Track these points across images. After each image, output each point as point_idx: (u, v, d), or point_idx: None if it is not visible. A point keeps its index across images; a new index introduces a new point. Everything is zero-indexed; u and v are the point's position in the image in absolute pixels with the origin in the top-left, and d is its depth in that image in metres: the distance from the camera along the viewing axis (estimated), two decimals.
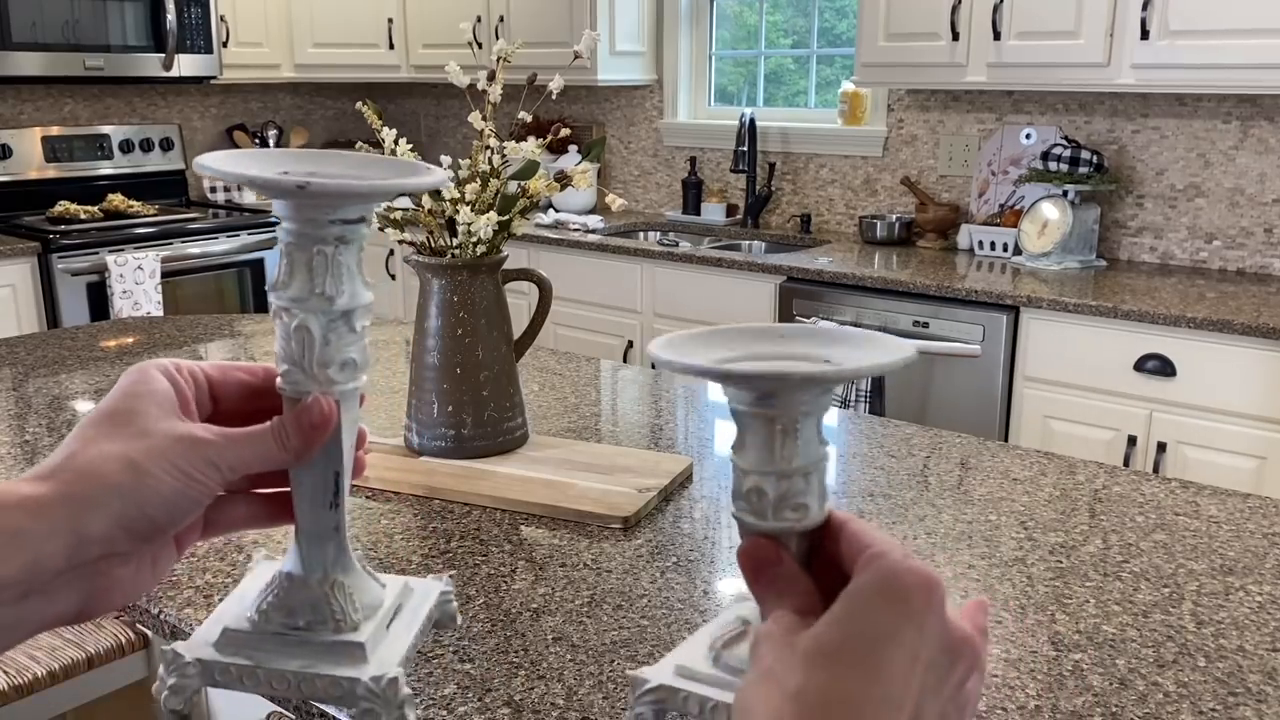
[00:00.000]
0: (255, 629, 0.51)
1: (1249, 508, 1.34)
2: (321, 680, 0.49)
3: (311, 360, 0.50)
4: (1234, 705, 0.92)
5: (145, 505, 0.45)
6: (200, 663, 0.50)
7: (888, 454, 1.53)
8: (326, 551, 0.52)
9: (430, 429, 1.41)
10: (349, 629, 0.51)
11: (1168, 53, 2.77)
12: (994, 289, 2.84)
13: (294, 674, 0.49)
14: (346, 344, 0.50)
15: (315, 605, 0.51)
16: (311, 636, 0.50)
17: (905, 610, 0.42)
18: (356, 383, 0.51)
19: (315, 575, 0.51)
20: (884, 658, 0.41)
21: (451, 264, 1.37)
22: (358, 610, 0.51)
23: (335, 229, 0.49)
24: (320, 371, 0.50)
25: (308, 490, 0.51)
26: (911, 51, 3.23)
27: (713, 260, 3.38)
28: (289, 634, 0.51)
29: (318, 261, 0.49)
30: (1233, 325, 2.50)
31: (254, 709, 1.48)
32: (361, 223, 0.50)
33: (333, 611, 0.51)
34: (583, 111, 4.47)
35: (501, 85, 1.40)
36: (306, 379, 0.50)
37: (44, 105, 4.11)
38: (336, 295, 0.50)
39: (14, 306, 3.48)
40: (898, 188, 3.71)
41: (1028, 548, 1.22)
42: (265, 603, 0.51)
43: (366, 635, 0.51)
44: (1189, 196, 3.17)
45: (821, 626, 0.42)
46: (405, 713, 0.49)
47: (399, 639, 0.52)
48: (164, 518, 0.46)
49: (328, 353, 0.50)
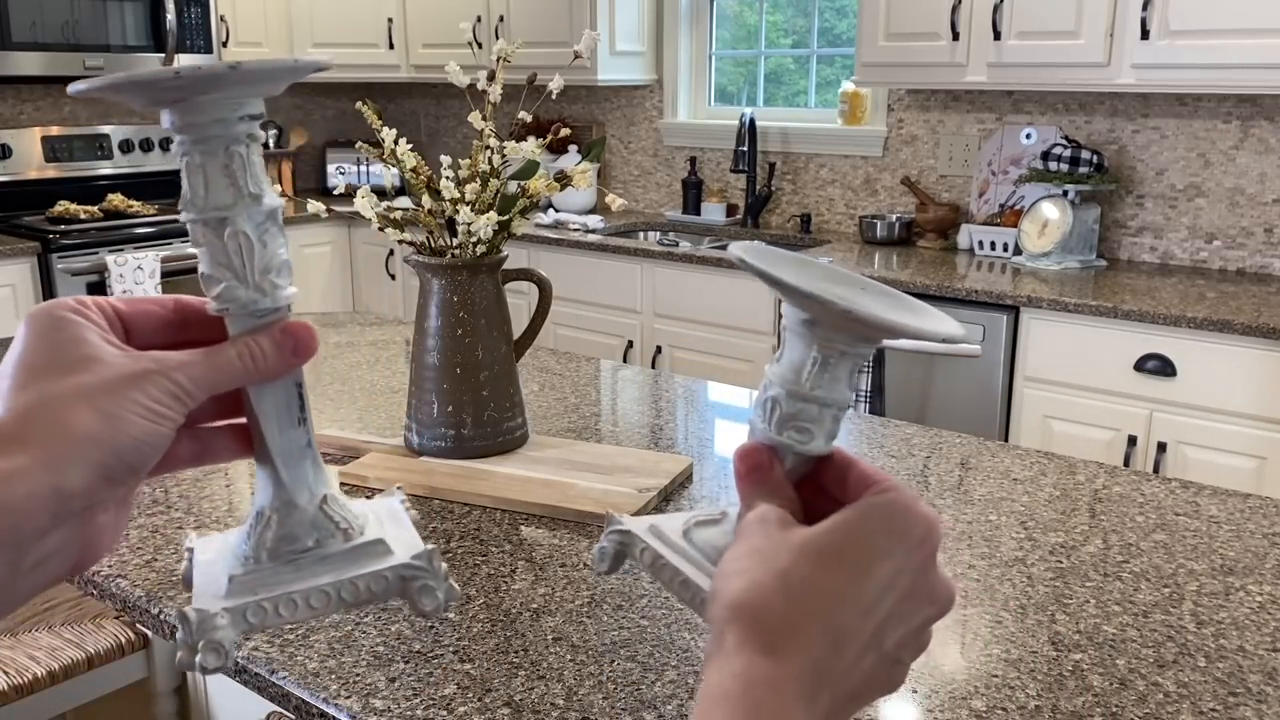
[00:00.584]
0: (265, 565, 0.49)
1: (1249, 508, 1.34)
2: (363, 579, 0.48)
3: (252, 268, 0.47)
4: (1234, 705, 0.92)
5: (121, 451, 0.43)
6: (228, 611, 0.46)
7: (888, 454, 1.53)
8: (305, 470, 0.50)
9: (430, 429, 1.41)
10: (358, 534, 0.50)
11: (1168, 53, 2.77)
12: (994, 289, 2.84)
13: (331, 586, 0.48)
14: (279, 245, 0.48)
15: (316, 523, 0.49)
16: (327, 551, 0.49)
17: (903, 538, 0.45)
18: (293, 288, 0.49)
19: (303, 496, 0.50)
20: (872, 569, 0.44)
21: (451, 264, 1.37)
22: (356, 517, 0.51)
23: (245, 126, 0.47)
24: (263, 279, 0.47)
25: (272, 410, 0.49)
26: (912, 51, 3.23)
27: (713, 260, 3.38)
28: (302, 557, 0.49)
29: (235, 163, 0.47)
30: (1233, 325, 2.50)
31: (254, 709, 1.48)
32: (261, 118, 0.48)
33: (336, 523, 0.50)
34: (583, 111, 4.47)
35: (501, 85, 1.40)
36: (249, 291, 0.47)
37: (44, 105, 4.11)
38: (262, 194, 0.47)
39: (14, 306, 3.48)
40: (898, 188, 3.71)
41: (1028, 548, 1.22)
42: (264, 538, 0.49)
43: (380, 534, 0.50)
44: (1189, 196, 3.17)
45: (820, 528, 0.45)
46: (451, 583, 0.50)
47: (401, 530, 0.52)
48: (137, 460, 0.44)
49: (266, 256, 0.47)
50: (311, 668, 0.96)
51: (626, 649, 0.99)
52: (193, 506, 1.31)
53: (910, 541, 0.45)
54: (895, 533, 0.45)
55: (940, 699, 0.93)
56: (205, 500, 1.33)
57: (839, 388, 0.49)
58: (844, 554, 0.44)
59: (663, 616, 1.05)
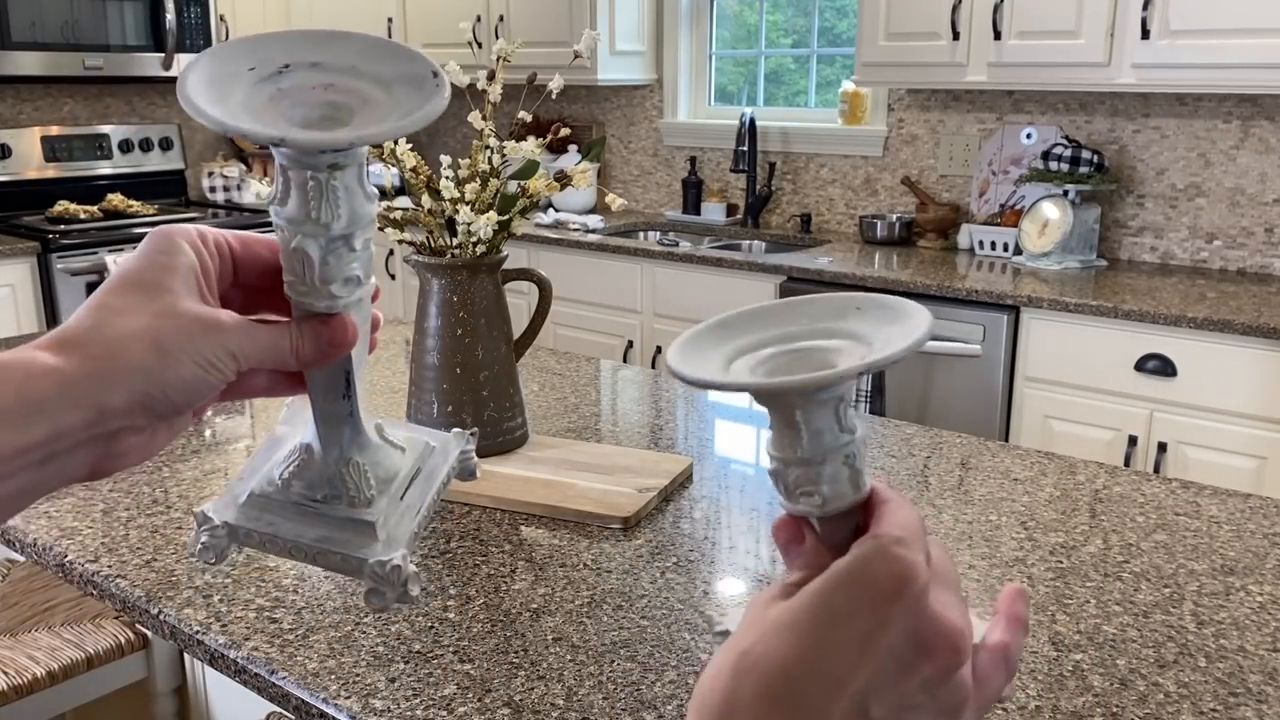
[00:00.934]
0: (278, 495, 0.53)
1: (1249, 508, 1.34)
2: (334, 556, 0.52)
3: (312, 278, 0.49)
4: (1234, 705, 0.92)
5: (167, 388, 0.46)
6: (228, 526, 0.52)
7: (888, 454, 1.53)
8: (341, 433, 0.53)
9: (430, 429, 1.41)
10: (363, 504, 0.53)
11: (1168, 52, 2.77)
12: (994, 289, 2.84)
13: (309, 546, 0.52)
14: (347, 263, 0.50)
15: (331, 480, 0.53)
16: (328, 510, 0.52)
17: (867, 597, 0.41)
18: (361, 293, 0.51)
19: (332, 454, 0.53)
20: (832, 637, 0.40)
21: (451, 264, 1.37)
22: (372, 486, 0.53)
23: (327, 157, 0.48)
24: (322, 287, 0.50)
25: (320, 383, 0.52)
26: (912, 51, 3.23)
27: (713, 260, 3.38)
28: (308, 505, 0.52)
29: (312, 188, 0.48)
30: (1233, 325, 2.50)
31: (254, 709, 1.48)
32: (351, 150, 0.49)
33: (347, 488, 0.53)
34: (583, 111, 4.47)
35: (501, 85, 1.40)
36: (309, 292, 0.50)
37: (43, 105, 4.11)
38: (333, 221, 0.49)
39: (13, 306, 3.48)
40: (898, 187, 3.71)
41: (1028, 548, 1.22)
42: (287, 471, 0.53)
43: (379, 512, 0.53)
44: (1189, 196, 3.17)
45: (791, 600, 0.42)
46: (409, 589, 0.51)
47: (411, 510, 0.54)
48: (182, 400, 0.47)
49: (327, 272, 0.49)
50: (311, 668, 0.96)
51: (626, 649, 0.99)
52: (192, 506, 1.31)
53: (874, 596, 0.41)
54: (858, 590, 0.41)
55: None
56: (205, 500, 1.33)
57: (824, 440, 0.45)
58: (805, 623, 0.40)
59: (663, 617, 1.05)
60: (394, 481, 0.55)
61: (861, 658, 0.40)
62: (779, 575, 1.14)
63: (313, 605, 1.07)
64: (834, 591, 0.41)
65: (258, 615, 1.06)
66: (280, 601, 1.08)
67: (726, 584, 1.13)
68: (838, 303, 0.49)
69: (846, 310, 0.48)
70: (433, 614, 1.05)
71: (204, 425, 1.63)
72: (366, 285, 0.51)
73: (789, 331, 0.48)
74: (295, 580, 1.13)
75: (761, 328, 0.48)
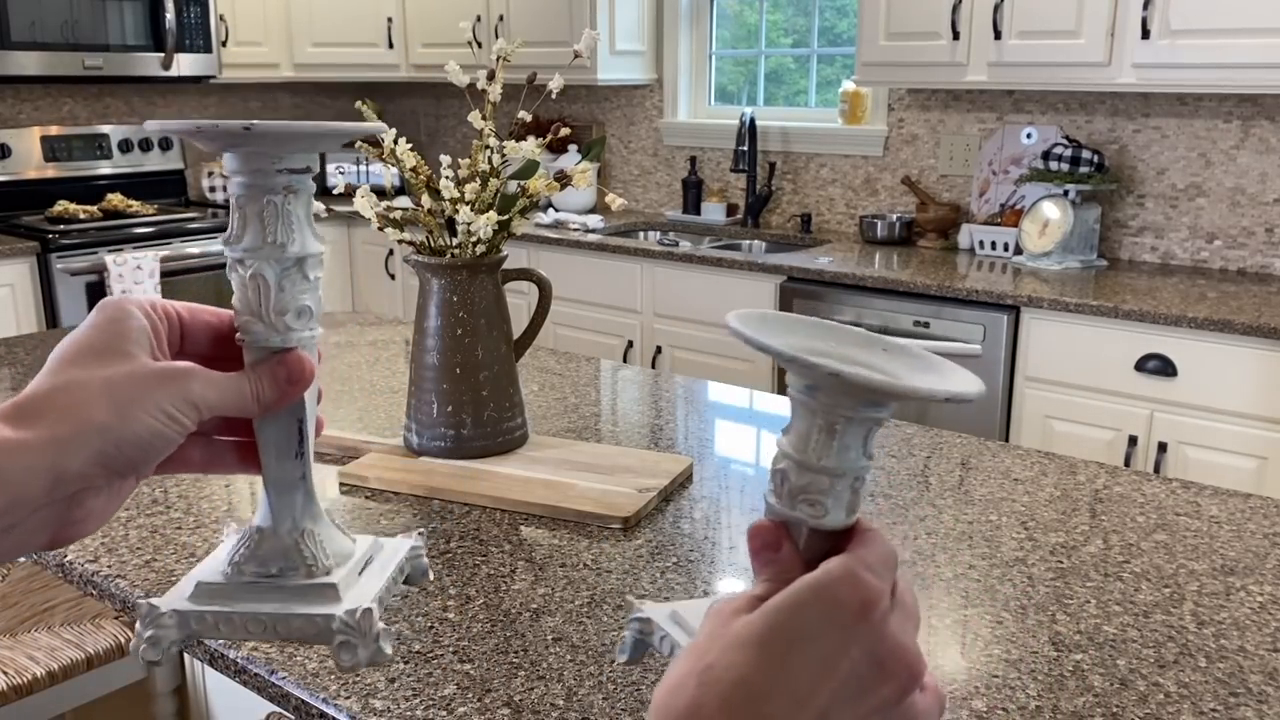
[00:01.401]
0: (229, 580, 0.53)
1: (1250, 508, 1.34)
2: (297, 619, 0.51)
3: (268, 308, 0.51)
4: (1235, 705, 0.92)
5: (124, 445, 0.46)
6: (176, 613, 0.51)
7: (888, 454, 1.52)
8: (294, 500, 0.53)
9: (430, 429, 1.41)
10: (321, 573, 0.52)
11: (1168, 52, 2.77)
12: (995, 289, 2.84)
13: (269, 615, 0.51)
14: (300, 291, 0.52)
15: (286, 553, 0.53)
16: (285, 582, 0.52)
17: (832, 616, 0.42)
18: (313, 331, 0.53)
19: (285, 525, 0.53)
20: (797, 654, 0.41)
21: (451, 264, 1.37)
22: (329, 557, 0.53)
23: (283, 178, 0.51)
24: (277, 319, 0.52)
25: (272, 441, 0.53)
26: (912, 51, 3.23)
27: (713, 260, 3.38)
28: (262, 581, 0.52)
29: (268, 211, 0.51)
30: (1234, 325, 2.50)
31: (254, 709, 1.48)
32: (307, 173, 0.53)
33: (304, 558, 0.53)
34: (583, 111, 4.47)
35: (501, 85, 1.39)
36: (265, 328, 0.52)
37: (43, 105, 4.11)
38: (288, 243, 0.52)
39: (13, 306, 3.48)
40: (898, 187, 3.71)
41: (1028, 548, 1.22)
42: (238, 555, 0.53)
43: (339, 578, 0.53)
44: (1190, 196, 3.17)
45: (755, 614, 0.42)
46: (381, 644, 0.51)
47: (371, 582, 0.54)
48: (141, 457, 0.47)
49: (283, 300, 0.52)
50: (311, 668, 0.96)
51: None
52: (192, 507, 1.31)
53: (839, 618, 0.41)
54: (823, 611, 0.42)
55: None
56: (205, 500, 1.33)
57: (849, 455, 0.46)
58: (770, 642, 0.41)
59: None
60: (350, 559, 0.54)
61: (824, 676, 0.41)
62: None
63: None
64: (800, 609, 0.42)
65: None
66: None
67: (726, 584, 1.13)
68: (862, 338, 0.49)
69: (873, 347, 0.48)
70: (433, 614, 1.05)
71: None
72: (316, 328, 0.53)
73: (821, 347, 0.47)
74: None
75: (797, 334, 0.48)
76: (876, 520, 1.29)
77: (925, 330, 2.94)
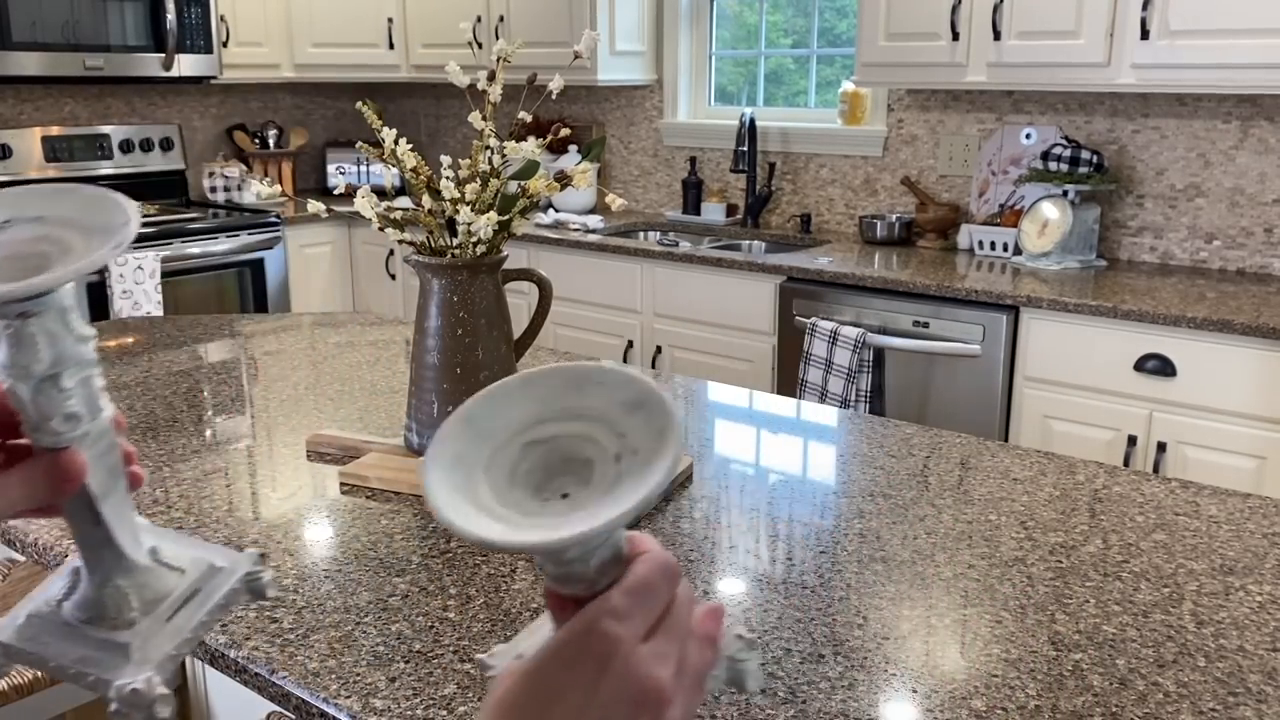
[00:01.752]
0: (53, 616, 0.55)
1: (1249, 508, 1.34)
2: (88, 677, 0.54)
3: (30, 416, 0.51)
4: (1234, 705, 0.92)
5: None
6: (3, 646, 0.54)
7: (888, 454, 1.53)
8: (102, 559, 0.55)
9: (430, 429, 1.41)
10: (123, 626, 0.54)
11: (1168, 52, 2.77)
12: (994, 289, 2.84)
13: (69, 666, 0.54)
14: (59, 402, 0.51)
15: (95, 603, 0.55)
16: (91, 631, 0.54)
17: (574, 672, 0.44)
18: (88, 428, 0.53)
19: (96, 577, 0.55)
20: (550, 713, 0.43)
21: (451, 264, 1.37)
22: (134, 609, 0.55)
23: (15, 306, 0.50)
24: (43, 424, 0.51)
25: (71, 513, 0.54)
26: (911, 51, 3.23)
27: (713, 260, 3.38)
28: (75, 625, 0.55)
29: (8, 335, 0.50)
30: (1233, 325, 2.50)
31: (254, 709, 1.48)
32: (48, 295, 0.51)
33: (107, 610, 0.55)
34: (583, 111, 4.47)
35: (501, 85, 1.40)
36: (34, 429, 0.51)
37: (44, 105, 4.11)
38: (32, 363, 0.50)
39: None
40: (898, 188, 3.71)
41: (1028, 548, 1.22)
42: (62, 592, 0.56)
43: (138, 635, 0.54)
44: (1189, 196, 3.17)
45: (514, 678, 0.45)
46: (154, 711, 0.52)
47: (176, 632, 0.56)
48: None
49: (40, 411, 0.51)
50: (312, 668, 0.96)
51: None
52: (193, 506, 1.31)
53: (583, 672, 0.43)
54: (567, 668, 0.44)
55: (940, 699, 0.93)
56: (205, 500, 1.33)
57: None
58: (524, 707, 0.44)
59: None
60: (163, 603, 0.56)
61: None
62: (778, 576, 1.14)
63: (313, 605, 1.08)
64: (543, 671, 0.44)
65: (258, 615, 1.06)
66: (280, 601, 1.08)
67: (726, 584, 1.14)
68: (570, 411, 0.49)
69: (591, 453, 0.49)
70: (433, 614, 1.06)
71: (204, 425, 1.63)
72: (96, 421, 0.53)
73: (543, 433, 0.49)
74: (296, 580, 1.13)
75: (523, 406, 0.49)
76: (876, 520, 1.29)
77: (925, 330, 2.94)
